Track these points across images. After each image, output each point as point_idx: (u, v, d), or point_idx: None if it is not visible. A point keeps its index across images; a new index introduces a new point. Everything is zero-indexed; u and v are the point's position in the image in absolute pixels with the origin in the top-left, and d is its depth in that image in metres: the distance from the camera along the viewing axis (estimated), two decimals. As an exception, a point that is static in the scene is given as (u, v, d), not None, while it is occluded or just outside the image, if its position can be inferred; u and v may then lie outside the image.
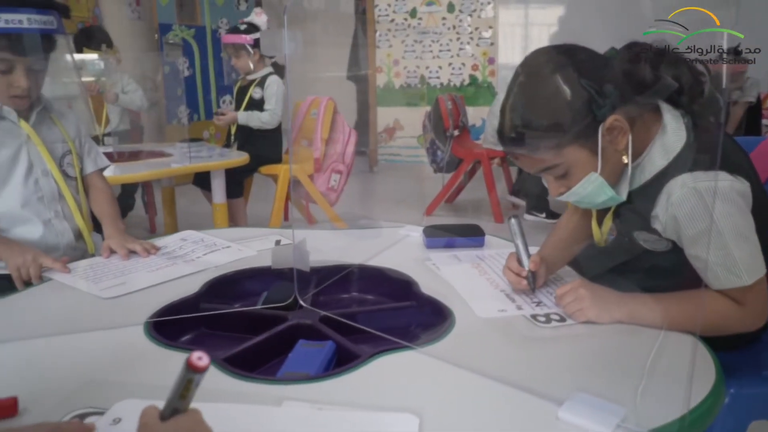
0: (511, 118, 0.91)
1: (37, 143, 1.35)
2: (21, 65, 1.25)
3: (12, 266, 1.18)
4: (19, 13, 1.19)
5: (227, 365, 0.78)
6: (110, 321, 0.92)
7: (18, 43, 1.23)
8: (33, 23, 1.22)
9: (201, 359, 0.53)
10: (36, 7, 1.22)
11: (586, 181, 0.92)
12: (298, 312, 0.97)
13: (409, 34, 5.43)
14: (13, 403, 0.67)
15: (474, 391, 0.71)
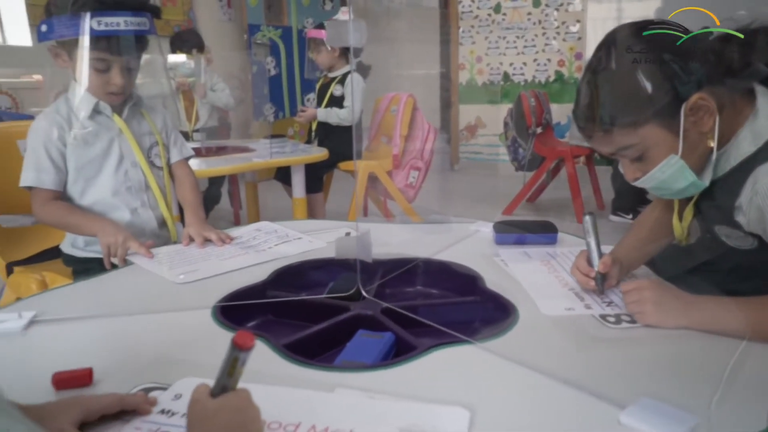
0: (586, 92, 0.86)
1: (128, 136, 1.43)
2: (117, 64, 1.33)
3: (103, 243, 1.27)
4: (116, 16, 1.26)
5: (287, 351, 0.79)
6: (181, 304, 0.97)
7: (115, 44, 1.31)
8: (129, 25, 1.29)
9: (246, 338, 0.54)
10: (131, 10, 1.29)
11: (665, 165, 0.85)
12: (360, 303, 0.97)
13: (493, 30, 5.34)
14: (89, 374, 0.71)
15: (531, 389, 0.69)
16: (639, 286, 0.86)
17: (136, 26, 1.31)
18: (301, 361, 0.77)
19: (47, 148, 1.35)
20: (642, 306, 0.83)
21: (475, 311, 0.96)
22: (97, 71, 1.32)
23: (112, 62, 1.33)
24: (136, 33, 1.33)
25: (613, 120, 0.84)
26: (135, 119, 1.47)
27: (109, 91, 1.37)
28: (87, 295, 1.05)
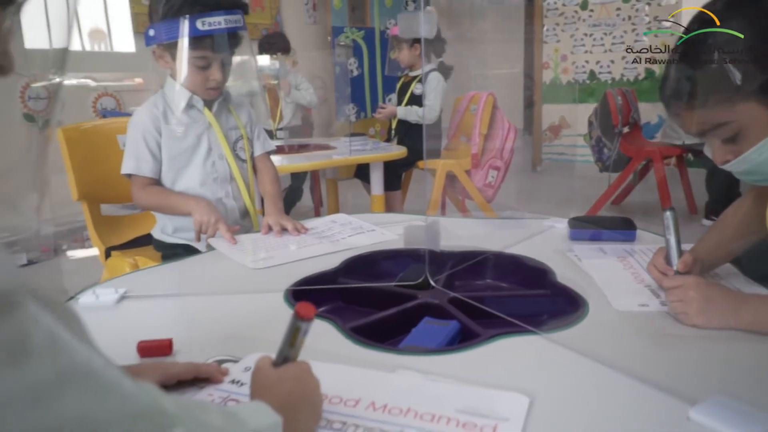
0: (678, 65, 0.81)
1: (217, 130, 1.51)
2: (216, 61, 1.42)
3: (197, 220, 1.35)
4: (216, 15, 1.34)
5: (353, 333, 0.81)
6: (255, 287, 1.01)
7: (214, 42, 1.39)
8: (227, 23, 1.37)
9: (308, 309, 0.57)
10: (227, 8, 1.37)
11: (762, 146, 0.78)
12: (428, 292, 0.98)
13: (579, 27, 5.18)
14: (169, 344, 0.77)
15: (596, 380, 0.67)
16: (684, 283, 0.81)
17: (233, 24, 1.38)
18: (366, 342, 0.79)
19: (145, 138, 1.45)
20: (686, 306, 0.79)
21: (544, 304, 0.95)
22: (198, 68, 1.41)
23: (212, 59, 1.41)
24: (234, 30, 1.41)
25: (709, 94, 0.78)
26: (223, 114, 1.55)
27: (208, 87, 1.45)
28: (172, 276, 1.12)
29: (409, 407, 0.62)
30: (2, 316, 0.31)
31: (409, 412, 0.61)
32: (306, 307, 0.58)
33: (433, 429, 0.58)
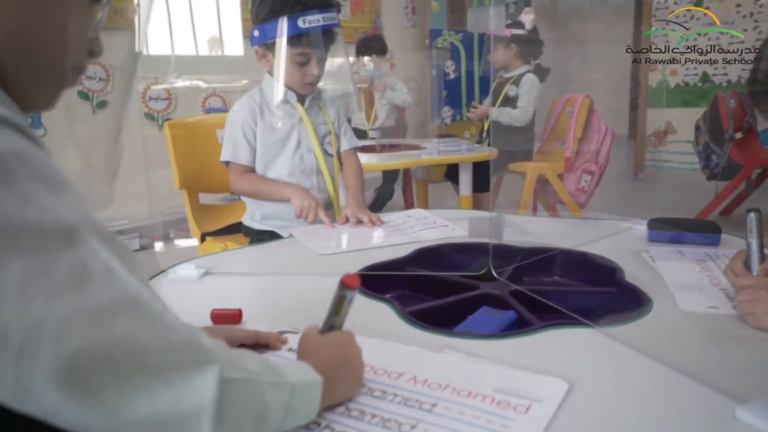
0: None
1: (307, 125, 1.60)
2: (315, 57, 1.51)
3: (297, 205, 1.44)
4: (314, 13, 1.43)
5: (410, 317, 0.85)
6: (323, 271, 1.07)
7: (313, 39, 1.49)
8: (325, 20, 1.46)
9: (353, 279, 0.61)
10: (323, 6, 1.46)
11: None
12: (491, 283, 1.00)
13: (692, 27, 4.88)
14: (238, 314, 0.84)
15: (641, 373, 0.66)
16: (756, 283, 0.77)
17: (329, 21, 1.47)
18: (421, 325, 0.82)
19: (243, 128, 1.56)
20: (755, 306, 0.75)
21: (608, 301, 0.93)
22: (297, 65, 1.51)
23: (311, 55, 1.50)
24: (330, 27, 1.49)
25: None
26: (314, 110, 1.63)
27: (306, 82, 1.54)
28: (250, 257, 1.21)
29: (448, 383, 0.64)
30: (67, 249, 0.37)
31: (447, 387, 0.63)
32: (351, 277, 0.62)
33: (468, 404, 0.60)
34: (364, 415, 0.59)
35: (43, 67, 0.49)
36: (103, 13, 0.54)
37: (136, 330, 0.39)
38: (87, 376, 0.37)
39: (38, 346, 0.35)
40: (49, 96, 0.51)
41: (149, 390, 0.40)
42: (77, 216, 0.38)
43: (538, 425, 0.56)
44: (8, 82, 0.46)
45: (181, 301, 0.96)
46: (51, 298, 0.36)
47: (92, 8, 0.52)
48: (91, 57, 0.54)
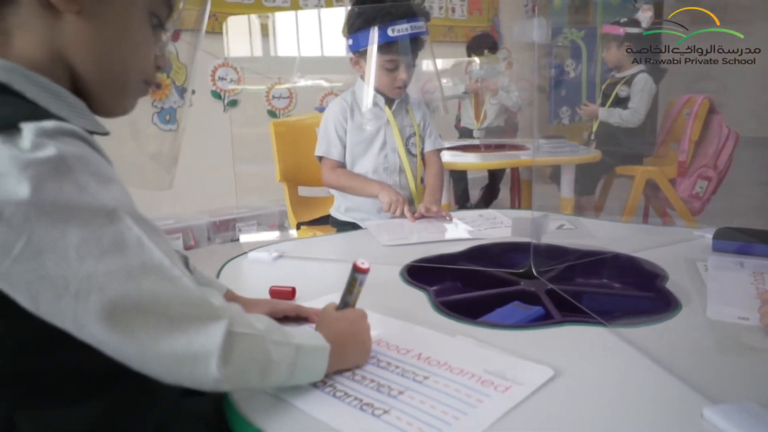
0: None
1: (393, 126, 1.72)
2: (403, 63, 1.64)
3: (385, 201, 1.57)
4: (403, 23, 1.56)
5: (439, 304, 0.93)
6: (382, 260, 1.18)
7: (400, 47, 1.61)
8: (413, 29, 1.59)
9: (363, 263, 0.71)
10: (411, 16, 1.58)
11: None
12: (531, 281, 1.05)
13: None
14: (292, 291, 0.97)
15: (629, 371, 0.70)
16: None
17: (417, 30, 1.59)
18: (446, 312, 0.90)
19: (335, 127, 1.72)
20: None
21: (640, 306, 0.96)
22: (387, 70, 1.64)
23: (399, 62, 1.63)
24: (418, 35, 1.61)
25: None
26: (400, 113, 1.75)
27: (395, 86, 1.67)
28: (321, 245, 1.35)
29: (446, 361, 0.72)
30: (109, 224, 0.51)
31: (444, 364, 0.72)
32: (362, 263, 0.73)
33: (456, 380, 0.68)
34: (365, 380, 0.69)
35: (119, 83, 0.64)
36: (167, 37, 0.69)
37: (159, 287, 0.53)
38: (123, 317, 0.51)
39: (88, 292, 0.50)
40: (125, 104, 0.66)
41: (170, 333, 0.53)
42: (118, 202, 0.52)
43: (507, 403, 0.63)
44: (93, 94, 0.62)
45: (253, 278, 1.12)
46: (98, 259, 0.50)
47: (158, 34, 0.67)
48: (159, 71, 0.69)
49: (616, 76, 3.23)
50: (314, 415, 0.62)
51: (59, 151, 0.50)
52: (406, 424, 0.59)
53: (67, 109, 0.58)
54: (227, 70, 3.86)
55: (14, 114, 0.50)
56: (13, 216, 0.48)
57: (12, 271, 0.48)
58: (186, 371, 0.54)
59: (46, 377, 0.55)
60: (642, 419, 0.60)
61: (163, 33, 0.69)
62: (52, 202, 0.48)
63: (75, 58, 0.60)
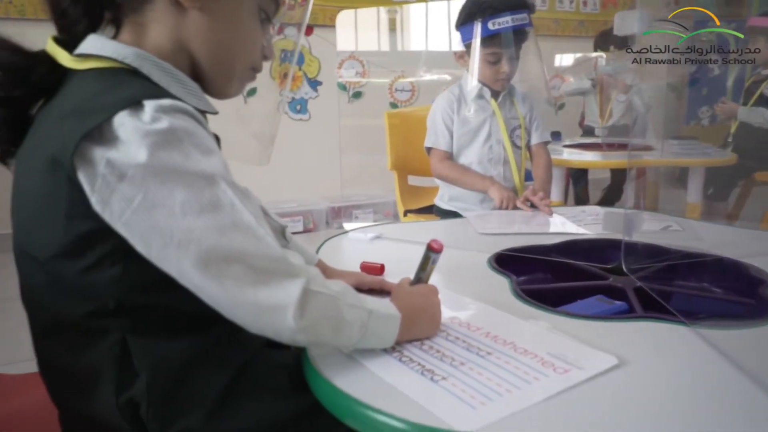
0: None
1: (499, 118, 1.74)
2: (505, 56, 1.65)
3: (497, 197, 1.61)
4: (504, 16, 1.58)
5: (520, 291, 0.95)
6: (474, 246, 1.21)
7: (503, 39, 1.63)
8: (515, 21, 1.60)
9: (436, 243, 0.76)
10: (513, 9, 1.59)
11: None
12: (621, 278, 1.03)
13: None
14: (381, 268, 1.04)
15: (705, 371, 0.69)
16: None
17: (519, 22, 1.60)
18: (524, 298, 0.92)
19: (443, 118, 1.77)
20: None
21: (737, 311, 0.91)
22: (490, 63, 1.67)
23: (501, 54, 1.65)
24: (520, 27, 1.61)
25: None
26: (506, 105, 1.76)
27: (498, 79, 1.69)
28: (419, 229, 1.40)
29: (513, 341, 0.75)
30: (208, 187, 0.60)
31: (509, 344, 0.74)
32: (436, 243, 0.77)
33: (518, 358, 0.71)
34: (431, 349, 0.74)
35: (229, 69, 0.74)
36: (274, 29, 0.77)
37: (246, 243, 0.61)
38: (215, 266, 0.60)
39: (188, 243, 0.59)
40: (233, 88, 0.76)
41: (254, 285, 0.61)
42: (215, 169, 0.61)
43: (562, 384, 0.64)
44: (207, 79, 0.72)
45: (349, 254, 1.20)
46: (197, 215, 0.59)
47: (265, 27, 0.76)
48: (265, 60, 0.78)
49: (762, 73, 2.97)
50: (377, 373, 0.67)
51: (171, 125, 0.59)
52: (460, 390, 0.64)
53: (184, 91, 0.68)
54: (353, 62, 4.02)
55: (140, 93, 0.61)
56: (134, 175, 0.58)
57: (131, 220, 0.59)
58: (266, 320, 0.62)
59: (152, 313, 0.65)
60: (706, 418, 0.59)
61: (271, 26, 0.77)
62: (163, 166, 0.58)
63: (194, 47, 0.71)
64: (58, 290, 0.64)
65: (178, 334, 0.66)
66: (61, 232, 0.61)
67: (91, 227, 0.60)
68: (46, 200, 0.61)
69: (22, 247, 0.66)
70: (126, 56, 0.66)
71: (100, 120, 0.58)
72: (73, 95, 0.64)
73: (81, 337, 0.64)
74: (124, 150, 0.58)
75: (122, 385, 0.64)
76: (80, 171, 0.58)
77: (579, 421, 0.58)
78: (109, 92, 0.61)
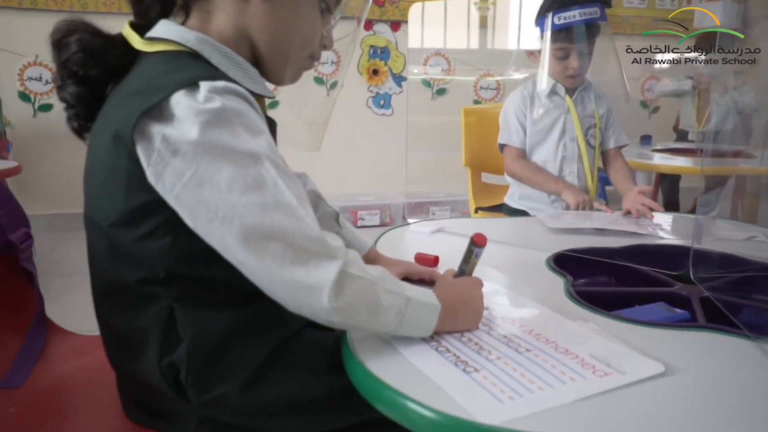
0: None
1: (573, 115, 1.68)
2: (574, 51, 1.61)
3: (572, 201, 1.57)
4: (570, 10, 1.53)
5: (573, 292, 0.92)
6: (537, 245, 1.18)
7: (571, 34, 1.58)
8: (583, 15, 1.54)
9: (481, 238, 0.75)
10: (583, 3, 1.54)
11: None
12: (687, 286, 0.98)
13: None
14: (435, 259, 1.04)
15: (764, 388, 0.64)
16: None
17: (588, 16, 1.54)
18: (576, 299, 0.89)
19: (516, 114, 1.74)
20: None
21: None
22: (558, 59, 1.62)
23: (570, 50, 1.60)
24: (589, 21, 1.56)
25: None
26: (582, 103, 1.70)
27: (567, 75, 1.65)
28: (483, 225, 1.39)
29: (555, 340, 0.73)
30: (253, 166, 0.62)
31: (551, 342, 0.73)
32: (479, 237, 0.77)
33: (557, 357, 0.69)
34: (470, 342, 0.73)
35: (288, 56, 0.76)
36: (335, 20, 0.79)
37: (287, 222, 0.63)
38: (256, 243, 0.62)
39: (232, 218, 0.62)
40: (291, 75, 0.79)
41: (292, 263, 0.63)
42: (261, 149, 0.64)
43: (598, 387, 0.62)
44: (266, 65, 0.75)
45: (407, 245, 1.21)
46: (242, 192, 0.62)
47: (326, 18, 0.78)
48: (324, 49, 0.80)
49: None
50: (411, 360, 0.68)
51: (223, 105, 0.62)
52: (491, 384, 0.63)
53: (242, 75, 0.71)
54: (438, 59, 4.01)
55: (197, 74, 0.64)
56: (186, 151, 0.61)
57: (181, 194, 0.62)
58: (303, 299, 0.64)
59: (199, 284, 0.69)
60: None
61: (331, 17, 0.79)
62: (213, 143, 0.61)
63: (255, 34, 0.74)
64: (116, 256, 0.69)
65: (221, 307, 0.70)
66: (121, 202, 0.66)
67: (147, 199, 0.64)
68: (110, 172, 0.66)
69: (90, 215, 0.71)
70: (189, 40, 0.69)
71: (159, 98, 0.62)
72: (139, 75, 0.68)
73: (133, 301, 0.69)
74: (178, 127, 0.62)
75: (165, 349, 0.68)
76: (139, 145, 0.63)
77: (609, 426, 0.56)
78: (170, 73, 0.65)
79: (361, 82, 3.94)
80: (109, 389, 0.80)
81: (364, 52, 3.91)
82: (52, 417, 0.78)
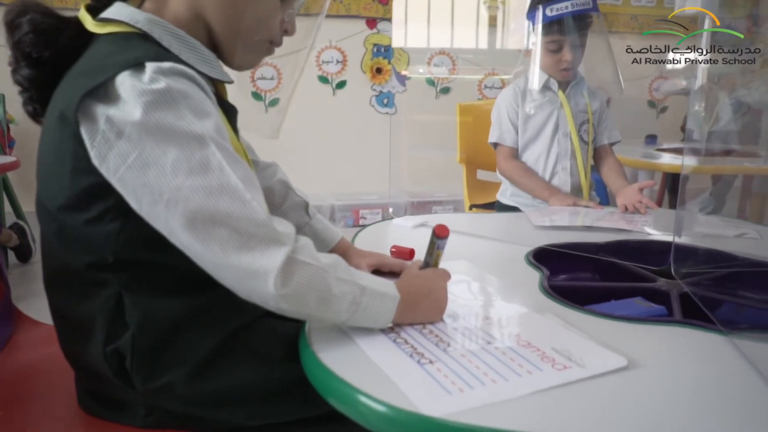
0: None
1: (567, 111, 1.65)
2: (567, 44, 1.57)
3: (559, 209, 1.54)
4: (563, 1, 1.50)
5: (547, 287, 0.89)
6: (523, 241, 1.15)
7: (563, 26, 1.55)
8: (575, 7, 1.51)
9: (442, 230, 0.73)
10: None
11: None
12: (666, 281, 0.95)
13: None
14: (410, 252, 1.01)
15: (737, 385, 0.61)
16: None
17: (579, 7, 1.51)
18: (549, 293, 0.86)
19: (508, 112, 1.71)
20: None
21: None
22: (551, 52, 1.59)
23: (562, 42, 1.57)
24: (581, 12, 1.52)
25: None
26: (575, 98, 1.67)
27: (560, 68, 1.62)
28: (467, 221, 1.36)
29: (518, 333, 0.71)
30: (199, 149, 0.61)
31: (515, 336, 0.70)
32: (441, 228, 0.75)
33: (517, 350, 0.66)
34: (431, 334, 0.71)
35: (245, 40, 0.74)
36: (298, 4, 0.77)
37: (232, 206, 0.61)
38: (201, 227, 0.60)
39: (176, 201, 0.60)
40: (249, 59, 0.77)
41: (237, 249, 0.61)
42: (207, 132, 0.62)
43: (554, 380, 0.59)
44: (222, 48, 0.73)
45: (387, 239, 1.18)
46: (186, 175, 0.60)
47: (287, 2, 0.76)
48: (285, 35, 0.78)
49: None
50: (366, 351, 0.65)
51: (168, 86, 0.61)
52: (443, 376, 0.60)
53: (195, 57, 0.70)
54: (443, 58, 3.99)
55: (144, 55, 0.63)
56: (131, 133, 0.60)
57: (125, 176, 0.61)
58: (250, 285, 0.62)
59: (148, 270, 0.67)
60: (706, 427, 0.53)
61: (293, 2, 0.77)
62: (156, 124, 0.60)
63: (210, 16, 0.72)
64: (64, 240, 0.67)
65: (172, 294, 0.68)
66: (68, 185, 0.64)
67: (93, 182, 0.63)
68: (57, 154, 0.65)
69: (40, 198, 0.70)
70: (138, 21, 0.68)
71: (104, 79, 0.61)
72: (88, 57, 0.67)
73: (83, 287, 0.68)
74: (122, 107, 0.60)
75: (111, 336, 0.66)
76: (83, 126, 0.61)
77: (561, 419, 0.54)
78: (117, 54, 0.64)
79: (365, 80, 3.92)
80: (69, 379, 0.79)
81: (367, 50, 3.90)
82: (6, 406, 0.77)
